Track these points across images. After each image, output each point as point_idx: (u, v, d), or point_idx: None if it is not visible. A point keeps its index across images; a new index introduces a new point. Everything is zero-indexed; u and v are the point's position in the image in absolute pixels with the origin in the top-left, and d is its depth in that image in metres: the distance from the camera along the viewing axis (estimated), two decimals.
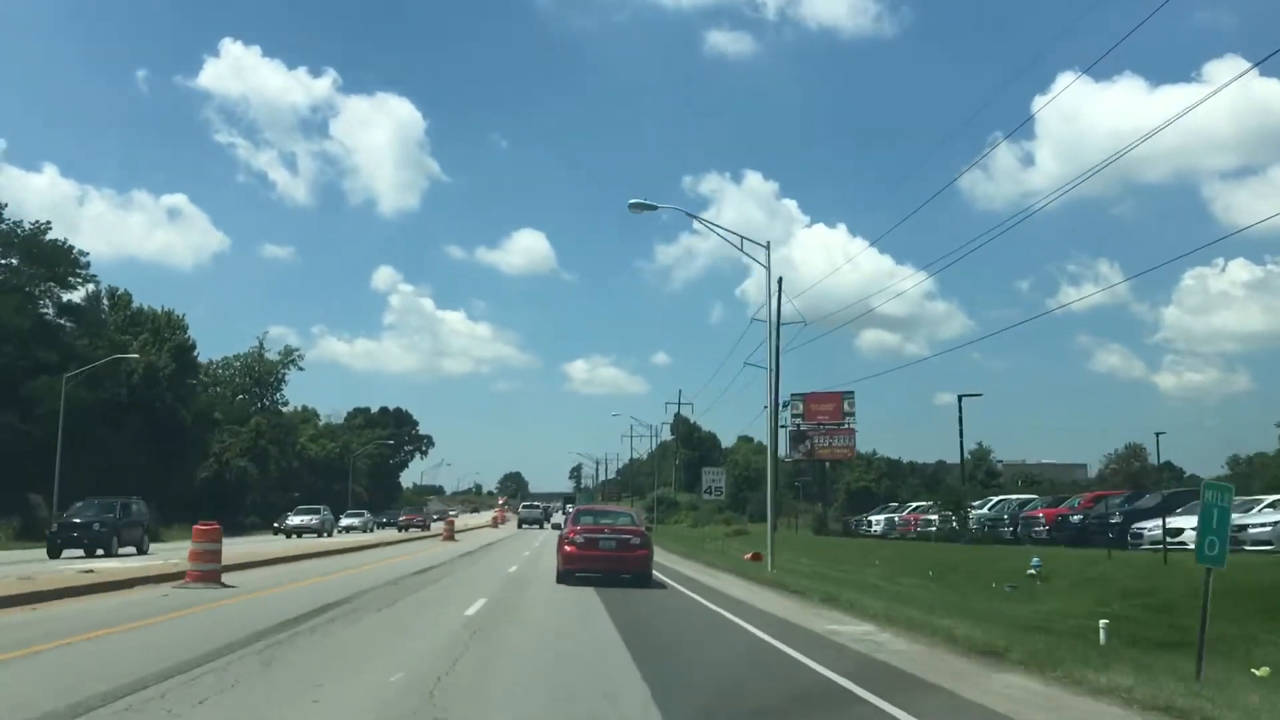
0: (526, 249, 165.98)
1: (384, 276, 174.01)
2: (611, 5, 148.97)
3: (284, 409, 75.21)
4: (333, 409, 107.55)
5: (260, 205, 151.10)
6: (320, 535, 45.95)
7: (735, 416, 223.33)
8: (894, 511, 51.86)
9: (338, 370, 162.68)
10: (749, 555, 29.05)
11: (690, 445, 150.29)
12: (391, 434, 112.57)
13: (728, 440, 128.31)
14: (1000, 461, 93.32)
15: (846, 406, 72.89)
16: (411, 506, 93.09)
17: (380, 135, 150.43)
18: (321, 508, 49.32)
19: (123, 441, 45.86)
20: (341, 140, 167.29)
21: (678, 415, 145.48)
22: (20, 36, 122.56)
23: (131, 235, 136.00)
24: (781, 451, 76.81)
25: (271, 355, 76.66)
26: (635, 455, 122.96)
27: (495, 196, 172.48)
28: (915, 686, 8.27)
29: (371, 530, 54.46)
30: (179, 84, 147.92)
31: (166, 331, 54.05)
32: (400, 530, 56.09)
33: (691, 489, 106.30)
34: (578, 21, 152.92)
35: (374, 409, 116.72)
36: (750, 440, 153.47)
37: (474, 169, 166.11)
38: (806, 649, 10.56)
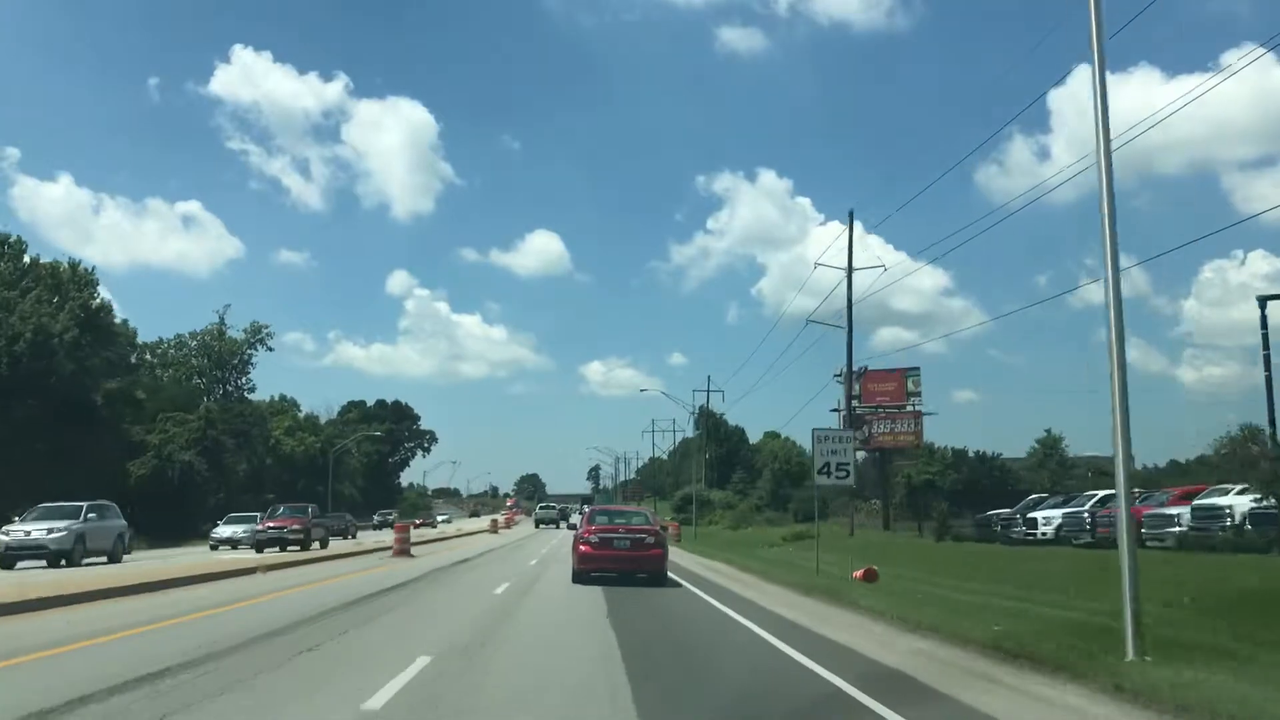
0: (540, 250, 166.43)
1: (399, 280, 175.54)
2: (622, 4, 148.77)
3: (250, 395, 65.83)
4: (325, 402, 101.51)
5: (274, 211, 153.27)
6: (288, 549, 35.72)
7: (761, 414, 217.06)
8: (1078, 504, 34.04)
9: (353, 375, 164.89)
10: (859, 573, 18.96)
11: (717, 440, 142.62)
12: (389, 429, 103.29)
13: (753, 437, 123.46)
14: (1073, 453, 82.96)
15: (911, 385, 62.77)
16: (422, 510, 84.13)
17: (393, 139, 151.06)
18: (259, 515, 39.61)
19: (5, 427, 36.43)
20: (354, 145, 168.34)
21: (704, 409, 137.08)
22: (32, 46, 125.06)
23: (147, 243, 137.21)
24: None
25: (235, 333, 67.55)
26: (657, 454, 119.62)
27: (508, 198, 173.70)
28: None
29: (320, 541, 42.25)
30: (190, 91, 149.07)
31: (72, 289, 44.62)
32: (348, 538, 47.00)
33: (721, 487, 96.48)
34: (588, 21, 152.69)
35: (370, 402, 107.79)
36: (778, 436, 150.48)
37: (487, 171, 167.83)
38: None
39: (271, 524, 33.29)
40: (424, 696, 6.89)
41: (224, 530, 38.92)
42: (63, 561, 25.80)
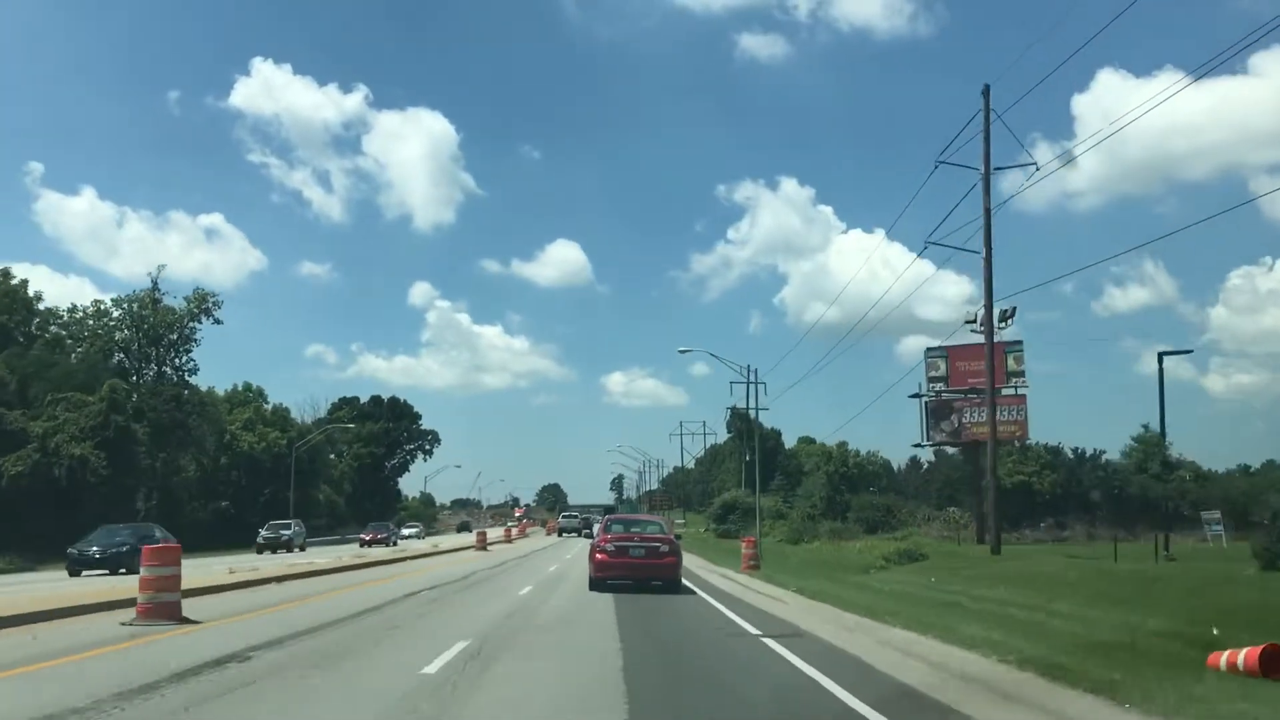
0: (561, 260, 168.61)
1: (420, 292, 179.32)
2: (640, 11, 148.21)
3: (192, 377, 54.63)
4: (309, 397, 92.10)
5: (296, 224, 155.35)
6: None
7: (793, 420, 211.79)
8: None
9: (376, 386, 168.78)
10: (1242, 657, 6.87)
11: (742, 452, 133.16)
12: (385, 428, 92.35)
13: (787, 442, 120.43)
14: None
15: (1012, 363, 50.88)
16: (413, 520, 73.33)
17: (413, 150, 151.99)
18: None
19: None
20: (375, 156, 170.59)
21: (737, 412, 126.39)
22: (53, 61, 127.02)
23: (170, 256, 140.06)
24: (913, 434, 54.51)
25: (174, 301, 55.37)
26: (685, 458, 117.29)
27: (529, 208, 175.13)
28: None
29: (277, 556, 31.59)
30: (210, 104, 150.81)
31: None
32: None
33: (761, 493, 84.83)
34: (607, 30, 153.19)
35: (364, 398, 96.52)
36: (813, 441, 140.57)
37: (507, 181, 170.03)
38: None
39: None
40: None
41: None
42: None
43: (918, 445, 52.92)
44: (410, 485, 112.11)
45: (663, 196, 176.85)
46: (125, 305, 51.72)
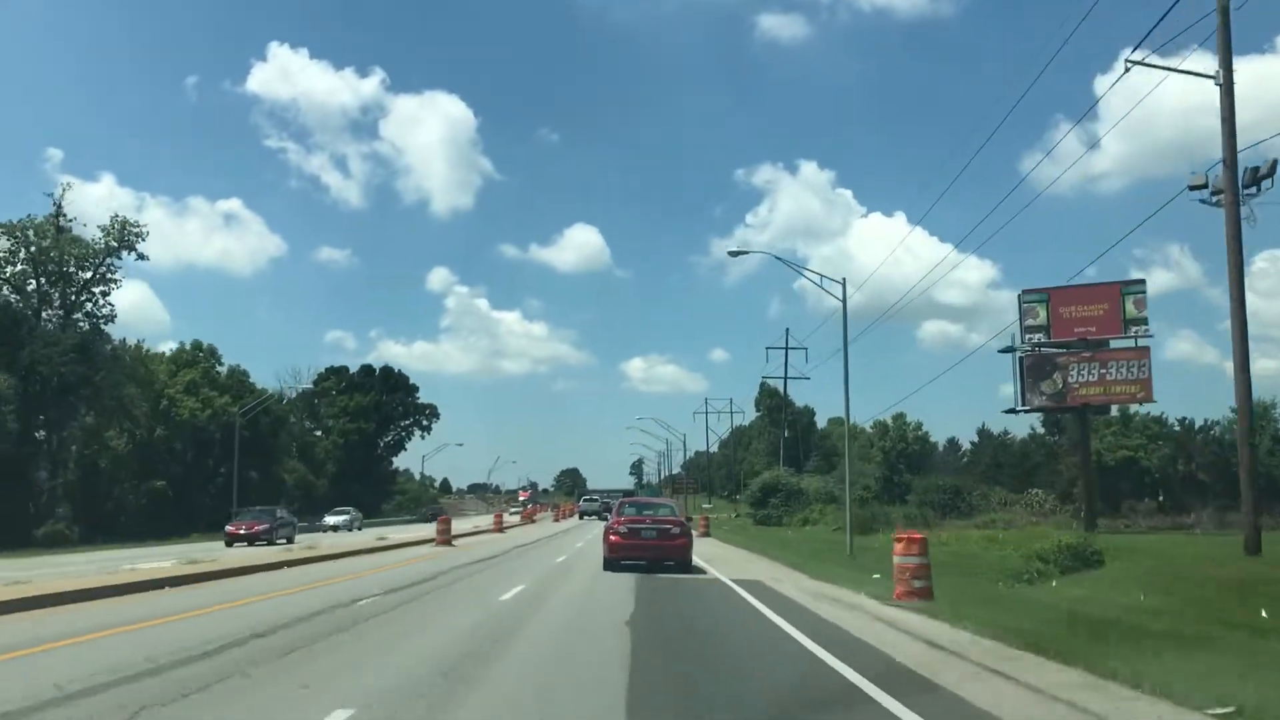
0: (581, 245, 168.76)
1: (439, 277, 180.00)
2: None
3: (108, 326, 44.39)
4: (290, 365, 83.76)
5: (315, 209, 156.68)
6: None
7: (819, 402, 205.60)
8: None
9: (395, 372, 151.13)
10: None
11: (781, 424, 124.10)
12: (376, 401, 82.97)
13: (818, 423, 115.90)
14: None
15: (1131, 308, 40.71)
16: (434, 505, 63.87)
17: (431, 134, 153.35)
18: None
19: None
20: (392, 141, 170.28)
21: (775, 392, 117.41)
22: (70, 48, 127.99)
23: (190, 242, 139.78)
24: (1006, 397, 44.86)
25: (88, 230, 45.09)
26: (710, 438, 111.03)
27: (547, 192, 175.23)
28: None
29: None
30: (228, 89, 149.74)
31: None
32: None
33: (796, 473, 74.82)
34: (624, 12, 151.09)
35: (353, 368, 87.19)
36: (842, 423, 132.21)
37: (526, 165, 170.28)
38: None
39: None
40: None
41: None
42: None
43: (1011, 411, 42.95)
44: (410, 465, 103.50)
45: (681, 180, 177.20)
46: (18, 234, 41.32)
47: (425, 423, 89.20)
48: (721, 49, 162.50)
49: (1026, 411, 43.94)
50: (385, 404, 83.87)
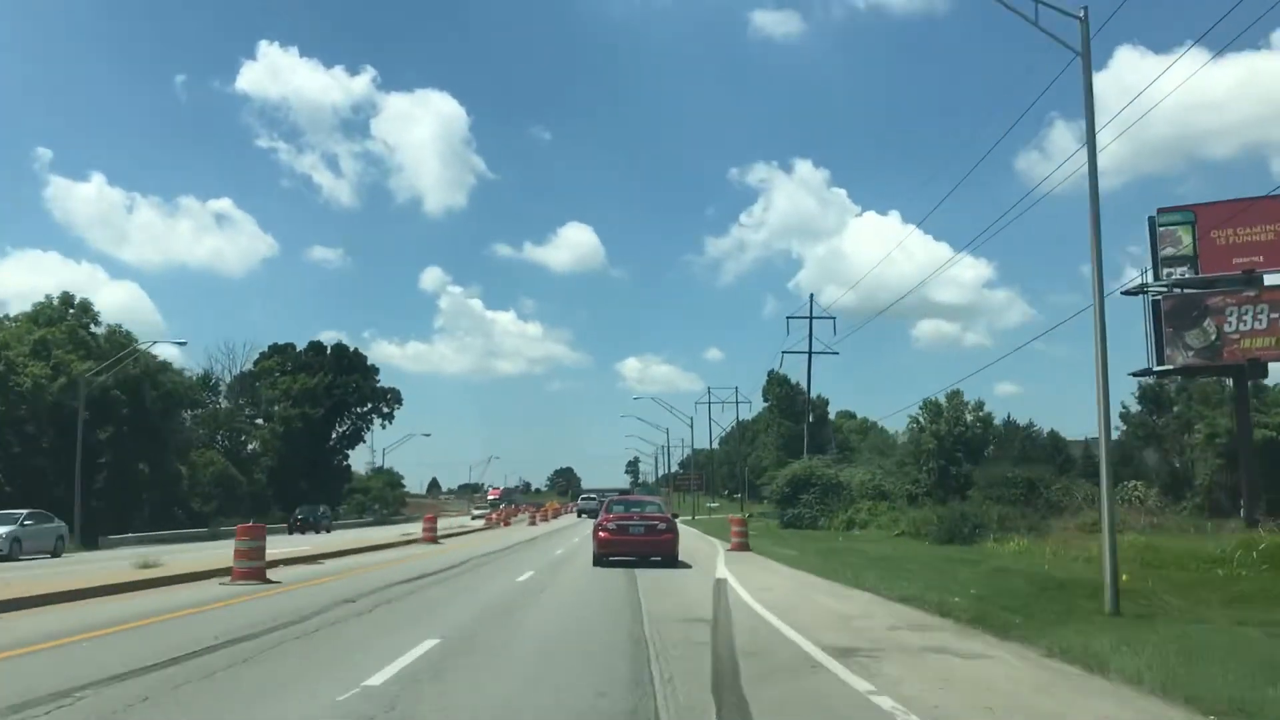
0: (575, 244, 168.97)
1: (432, 277, 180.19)
2: None
3: None
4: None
5: (307, 208, 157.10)
6: None
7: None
8: None
9: (389, 372, 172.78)
10: None
11: (793, 417, 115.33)
12: (326, 382, 71.54)
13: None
14: None
15: None
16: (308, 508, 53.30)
17: (423, 132, 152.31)
18: None
19: None
20: (384, 139, 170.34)
21: (784, 381, 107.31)
22: (58, 46, 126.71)
23: (181, 242, 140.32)
24: (1137, 354, 34.14)
25: None
26: (714, 429, 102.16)
27: (541, 190, 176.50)
28: None
29: None
30: (217, 88, 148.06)
31: None
32: None
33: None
34: (618, 8, 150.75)
35: (300, 345, 75.31)
36: (853, 416, 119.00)
37: (519, 163, 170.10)
38: None
39: None
40: None
41: None
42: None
43: (1142, 374, 32.12)
44: (384, 462, 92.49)
45: (676, 178, 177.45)
46: None
47: (386, 410, 77.73)
48: (715, 46, 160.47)
49: (1166, 374, 33.16)
50: (337, 387, 72.28)
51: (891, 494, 42.10)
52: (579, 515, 76.79)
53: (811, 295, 57.02)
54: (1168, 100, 25.58)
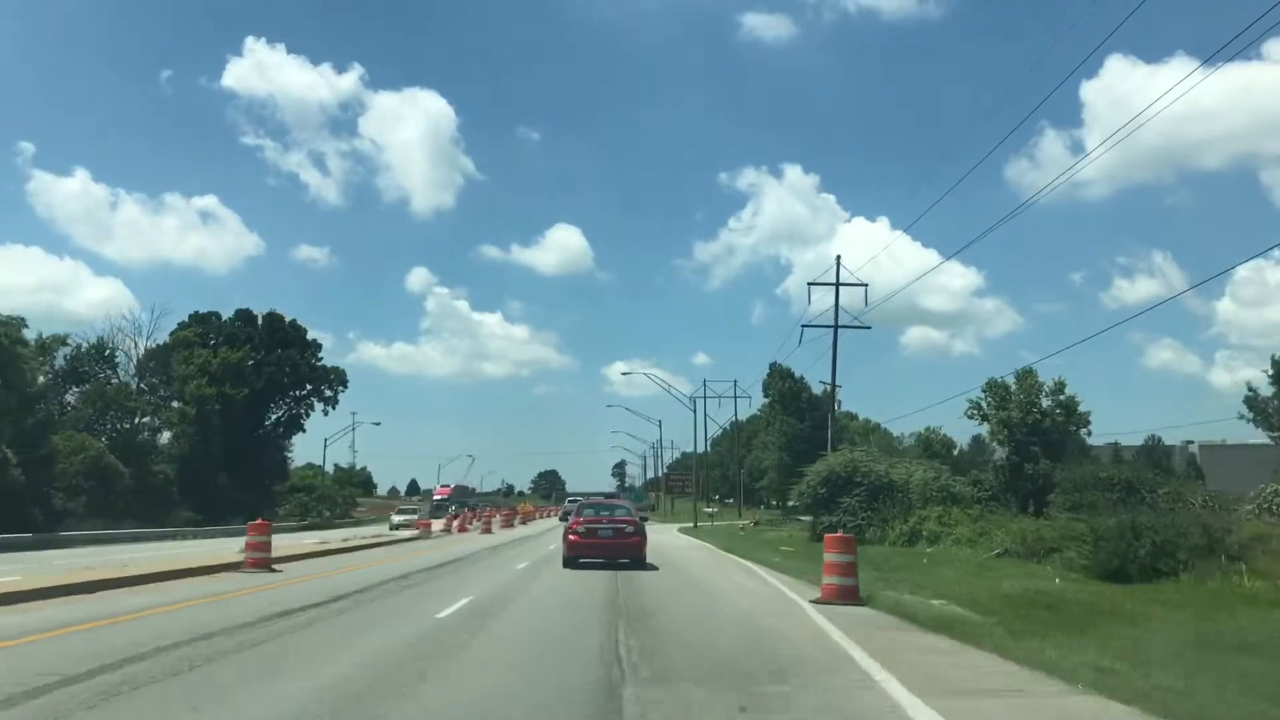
0: (563, 245, 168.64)
1: (419, 278, 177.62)
2: None
3: None
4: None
5: (293, 207, 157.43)
6: None
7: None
8: None
9: (375, 375, 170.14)
10: None
11: (797, 414, 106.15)
12: (258, 360, 60.49)
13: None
14: None
15: None
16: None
17: (411, 131, 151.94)
18: None
19: None
20: (371, 138, 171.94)
21: (786, 374, 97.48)
22: (43, 40, 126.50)
23: (166, 239, 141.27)
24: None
25: None
26: (706, 433, 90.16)
27: (529, 191, 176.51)
28: None
29: None
30: (203, 85, 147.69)
31: None
32: None
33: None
34: (608, 9, 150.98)
35: (226, 314, 63.76)
36: (854, 418, 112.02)
37: (507, 163, 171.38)
38: None
39: None
40: None
41: None
42: None
43: None
44: (311, 452, 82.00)
45: (664, 182, 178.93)
46: None
47: (329, 393, 66.17)
48: (705, 48, 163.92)
49: None
50: (269, 364, 61.12)
51: (964, 498, 31.69)
52: (564, 519, 67.51)
53: (839, 257, 46.46)
54: (1157, 109, 23.40)
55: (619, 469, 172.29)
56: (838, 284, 48.59)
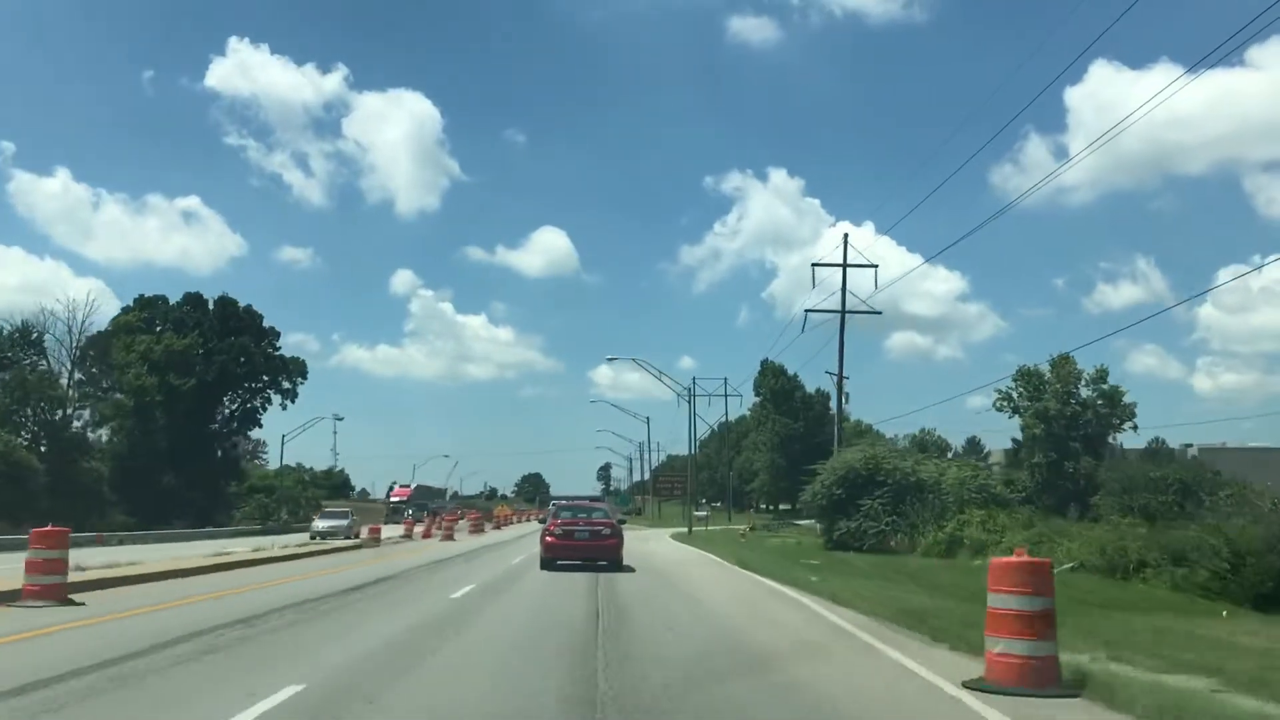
0: (548, 248, 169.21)
1: (403, 280, 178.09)
2: None
3: None
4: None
5: (276, 208, 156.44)
6: None
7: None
8: None
9: (359, 378, 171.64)
10: None
11: (790, 413, 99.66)
12: (208, 348, 55.50)
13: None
14: None
15: None
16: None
17: (395, 132, 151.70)
18: None
19: None
20: (355, 139, 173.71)
21: (777, 372, 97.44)
22: (24, 39, 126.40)
23: (148, 240, 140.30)
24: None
25: None
26: (695, 431, 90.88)
27: (514, 193, 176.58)
28: None
29: None
30: (186, 85, 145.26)
31: None
32: None
33: (810, 477, 47.81)
34: (594, 11, 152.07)
35: (175, 297, 58.87)
36: (847, 419, 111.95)
37: (492, 165, 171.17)
38: None
39: None
40: None
41: None
42: None
43: None
44: (290, 453, 76.40)
45: (650, 185, 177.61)
46: None
47: (287, 385, 61.08)
48: (692, 51, 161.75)
49: None
50: (220, 352, 55.98)
51: (1008, 500, 27.13)
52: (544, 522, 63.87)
53: (846, 236, 41.92)
54: (1140, 115, 25.00)
55: (604, 472, 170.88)
56: (845, 264, 44.10)
